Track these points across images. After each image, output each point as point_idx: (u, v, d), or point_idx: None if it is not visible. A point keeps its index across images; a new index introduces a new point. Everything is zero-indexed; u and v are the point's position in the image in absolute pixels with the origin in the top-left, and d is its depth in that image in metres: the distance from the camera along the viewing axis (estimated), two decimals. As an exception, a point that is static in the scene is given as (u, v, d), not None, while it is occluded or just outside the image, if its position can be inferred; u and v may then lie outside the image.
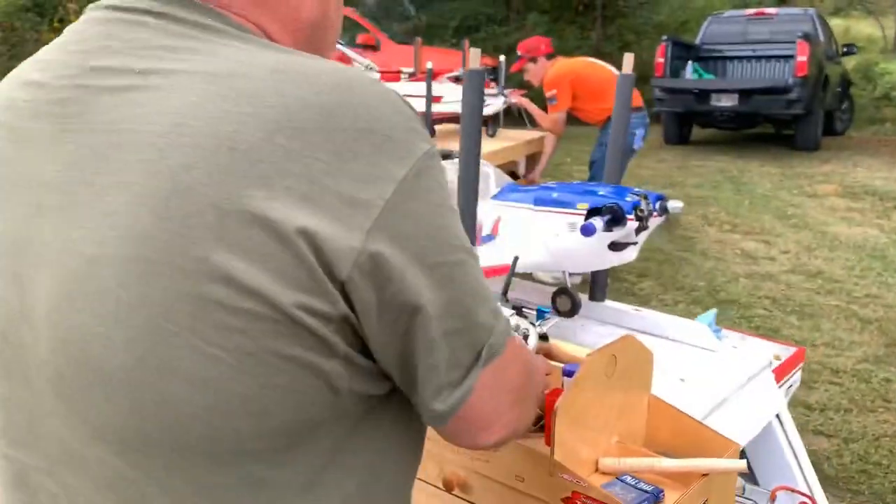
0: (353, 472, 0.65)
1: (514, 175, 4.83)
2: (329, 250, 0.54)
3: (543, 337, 1.16)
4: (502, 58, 4.75)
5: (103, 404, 0.57)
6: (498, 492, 1.09)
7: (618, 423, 1.11)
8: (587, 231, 1.41)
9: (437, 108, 4.53)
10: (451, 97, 4.66)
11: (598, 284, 1.84)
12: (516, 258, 1.25)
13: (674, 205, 1.55)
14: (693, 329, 1.71)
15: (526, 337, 1.11)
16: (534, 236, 1.59)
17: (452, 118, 4.97)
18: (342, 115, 0.56)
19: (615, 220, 1.45)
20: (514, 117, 5.14)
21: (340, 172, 0.55)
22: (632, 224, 1.47)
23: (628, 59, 1.73)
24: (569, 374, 1.07)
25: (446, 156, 3.34)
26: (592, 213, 1.49)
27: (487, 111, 4.59)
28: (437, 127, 4.74)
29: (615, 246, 1.52)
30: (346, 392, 0.61)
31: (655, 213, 1.51)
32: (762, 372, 1.61)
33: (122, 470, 0.60)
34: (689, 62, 9.55)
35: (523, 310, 1.22)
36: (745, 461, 1.02)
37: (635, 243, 1.52)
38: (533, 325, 1.15)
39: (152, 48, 0.60)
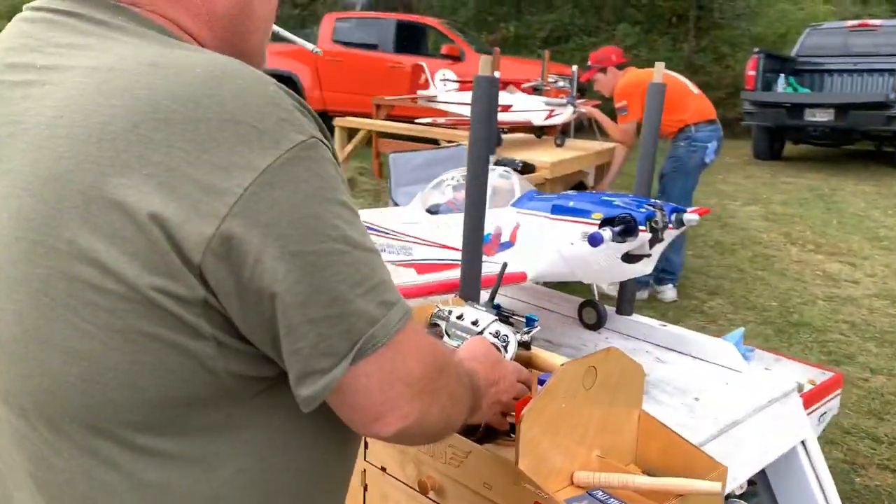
0: (248, 447, 0.67)
1: (582, 185, 4.76)
2: (180, 236, 0.57)
3: (525, 345, 1.14)
4: (575, 67, 4.70)
5: (3, 371, 0.63)
6: (468, 498, 1.09)
7: (600, 436, 1.09)
8: (594, 240, 1.38)
9: (506, 116, 4.52)
10: (520, 106, 4.65)
11: (624, 297, 1.80)
12: (505, 265, 1.24)
13: (689, 217, 1.50)
14: (719, 348, 1.65)
15: (506, 344, 1.10)
16: (550, 244, 1.57)
17: (521, 127, 4.95)
18: (208, 106, 0.59)
19: (627, 230, 1.42)
20: (586, 128, 5.07)
21: (200, 161, 0.58)
22: (644, 235, 1.43)
23: (659, 68, 1.69)
24: (543, 382, 1.05)
25: (502, 163, 3.33)
26: (606, 223, 1.46)
27: (555, 120, 4.56)
28: (504, 136, 4.73)
29: (629, 258, 1.48)
30: (223, 372, 0.63)
31: (671, 226, 1.47)
32: (787, 396, 1.53)
33: (25, 431, 0.65)
34: (781, 75, 9.17)
35: (511, 318, 1.20)
36: (719, 484, 0.98)
37: (649, 255, 1.48)
38: (516, 332, 1.13)
39: (61, 46, 0.64)
